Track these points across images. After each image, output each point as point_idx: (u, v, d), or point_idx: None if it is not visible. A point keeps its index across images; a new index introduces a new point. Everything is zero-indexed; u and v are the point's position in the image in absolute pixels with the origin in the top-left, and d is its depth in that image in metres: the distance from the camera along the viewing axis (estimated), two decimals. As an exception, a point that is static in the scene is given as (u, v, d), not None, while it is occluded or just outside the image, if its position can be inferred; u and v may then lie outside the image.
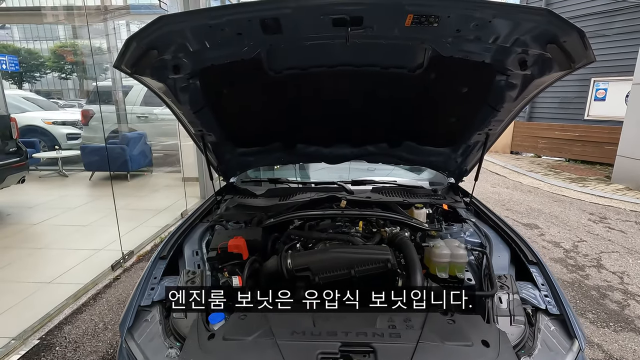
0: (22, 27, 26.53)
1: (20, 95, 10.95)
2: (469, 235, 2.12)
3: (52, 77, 26.24)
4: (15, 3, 20.22)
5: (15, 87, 21.67)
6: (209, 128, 2.16)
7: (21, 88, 22.25)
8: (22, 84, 23.31)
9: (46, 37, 26.54)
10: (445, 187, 2.83)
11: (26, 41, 26.99)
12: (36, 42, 26.99)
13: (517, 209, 5.85)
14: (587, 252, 4.23)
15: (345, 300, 1.78)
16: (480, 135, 2.14)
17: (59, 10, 12.34)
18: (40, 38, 27.08)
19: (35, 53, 24.59)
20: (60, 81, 26.33)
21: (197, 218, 2.38)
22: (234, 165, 2.65)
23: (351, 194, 2.58)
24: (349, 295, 1.80)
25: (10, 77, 21.82)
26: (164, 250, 1.90)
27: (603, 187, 7.22)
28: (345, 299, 1.80)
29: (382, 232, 2.05)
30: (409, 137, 2.35)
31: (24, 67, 22.90)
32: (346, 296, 1.81)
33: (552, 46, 1.24)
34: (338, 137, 2.38)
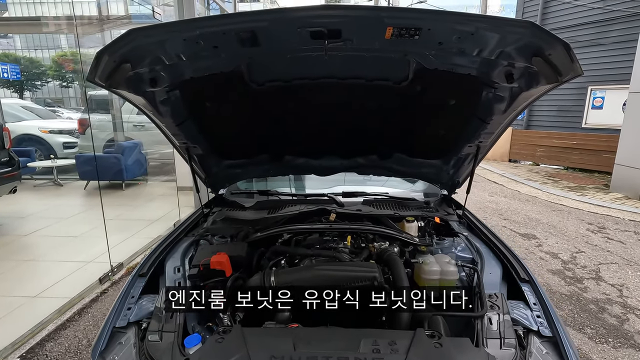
0: (24, 36, 26.80)
1: (18, 104, 10.98)
2: (460, 250, 2.05)
3: (53, 86, 26.40)
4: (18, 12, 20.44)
5: (17, 96, 21.79)
6: (193, 140, 2.11)
7: (22, 97, 22.38)
8: (23, 92, 23.42)
9: (47, 46, 26.78)
10: (438, 199, 2.77)
11: (28, 50, 27.24)
12: (38, 51, 27.22)
13: (514, 218, 5.78)
14: (586, 264, 4.16)
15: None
16: (470, 147, 2.10)
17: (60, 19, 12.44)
18: (42, 47, 27.33)
19: (37, 62, 24.76)
20: (61, 89, 26.46)
21: (183, 232, 2.32)
22: (222, 178, 2.60)
23: (341, 207, 2.53)
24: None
25: (11, 86, 21.95)
26: (144, 267, 1.84)
27: (602, 195, 7.16)
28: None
29: (371, 247, 1.99)
30: (398, 149, 2.31)
31: (26, 75, 23.04)
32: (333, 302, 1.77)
33: (537, 59, 1.20)
34: (327, 148, 2.34)
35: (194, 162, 2.38)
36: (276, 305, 1.69)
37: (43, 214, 5.73)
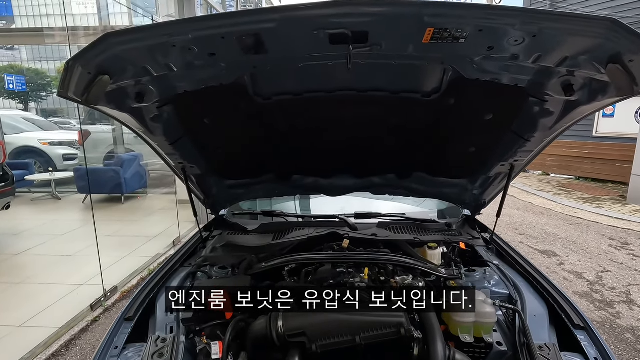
0: (30, 47, 27.00)
1: (20, 116, 10.86)
2: (494, 285, 1.79)
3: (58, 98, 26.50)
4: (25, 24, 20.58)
5: (22, 107, 21.85)
6: (190, 160, 1.88)
7: (27, 108, 22.45)
8: (28, 103, 23.52)
9: (53, 57, 26.97)
10: (460, 220, 2.51)
11: (33, 61, 27.44)
12: (43, 62, 27.44)
13: (530, 233, 5.49)
14: (614, 285, 3.86)
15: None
16: (503, 166, 1.85)
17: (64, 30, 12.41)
18: (47, 58, 27.54)
19: (42, 73, 24.90)
20: (66, 100, 26.52)
21: (178, 262, 2.07)
22: (223, 199, 2.37)
23: (354, 230, 2.28)
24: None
25: (17, 97, 22.04)
26: (131, 309, 1.59)
27: (619, 208, 6.86)
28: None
29: (392, 282, 1.73)
30: (420, 168, 2.06)
31: (31, 86, 23.16)
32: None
33: (613, 67, 0.96)
34: (339, 167, 2.10)
35: (192, 183, 2.14)
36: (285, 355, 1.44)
37: (38, 230, 5.50)
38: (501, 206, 2.02)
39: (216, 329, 1.59)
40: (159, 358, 1.33)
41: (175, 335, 1.47)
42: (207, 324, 1.57)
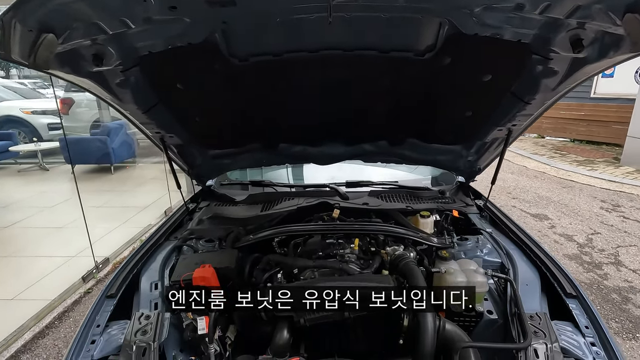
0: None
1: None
2: (487, 253, 1.75)
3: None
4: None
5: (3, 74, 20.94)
6: (168, 129, 1.76)
7: (9, 75, 21.51)
8: (9, 70, 22.53)
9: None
10: (454, 187, 2.45)
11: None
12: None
13: (524, 197, 5.51)
14: (603, 247, 3.91)
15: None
16: (500, 131, 1.76)
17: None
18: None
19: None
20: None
21: (163, 235, 2.01)
22: (208, 169, 2.26)
23: (345, 200, 2.21)
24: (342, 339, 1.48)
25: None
26: (113, 285, 1.54)
27: (612, 170, 6.87)
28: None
29: (383, 253, 1.69)
30: (413, 134, 1.96)
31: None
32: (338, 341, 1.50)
33: (631, 17, 0.84)
34: (328, 134, 1.99)
35: (173, 154, 2.03)
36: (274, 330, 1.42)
37: (27, 202, 5.41)
38: (496, 173, 1.95)
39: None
40: (142, 335, 1.30)
41: (160, 311, 1.43)
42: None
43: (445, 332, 1.37)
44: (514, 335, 1.29)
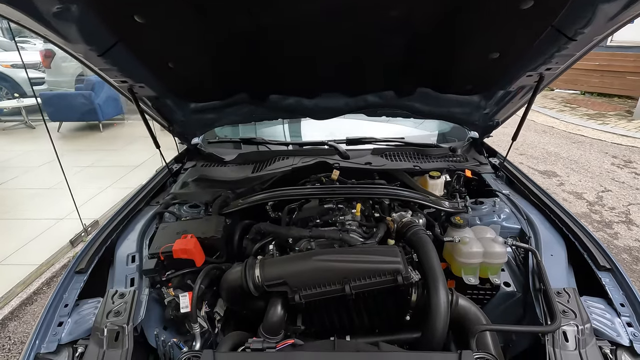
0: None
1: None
2: (505, 219, 1.56)
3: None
4: None
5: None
6: (136, 78, 1.48)
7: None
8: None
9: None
10: (466, 143, 2.21)
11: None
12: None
13: (532, 153, 5.27)
14: (614, 205, 3.75)
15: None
16: (530, 77, 1.48)
17: None
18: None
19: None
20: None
21: (143, 200, 1.81)
22: (191, 125, 2.01)
23: (346, 159, 1.99)
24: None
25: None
26: (83, 259, 1.36)
27: (625, 124, 6.57)
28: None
29: (389, 220, 1.49)
30: (425, 82, 1.68)
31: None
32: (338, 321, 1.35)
33: None
34: (326, 84, 1.71)
35: (147, 107, 1.77)
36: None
37: (11, 163, 5.18)
38: (519, 128, 1.70)
39: (186, 279, 1.39)
40: (116, 317, 1.14)
41: (137, 288, 1.27)
42: (174, 273, 1.36)
43: (458, 308, 1.22)
44: (538, 313, 1.13)
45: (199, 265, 1.38)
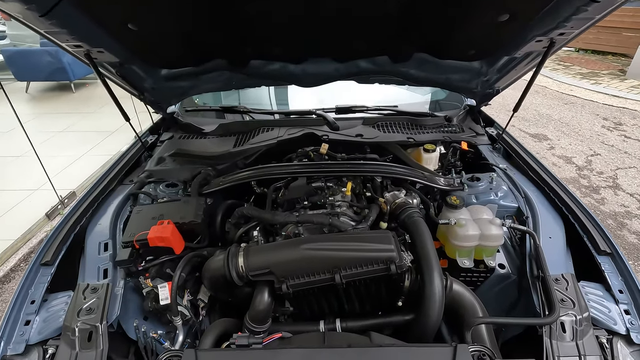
0: None
1: None
2: (502, 196, 1.49)
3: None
4: None
5: None
6: (92, 42, 1.28)
7: None
8: None
9: None
10: (462, 112, 2.08)
11: None
12: None
13: (523, 115, 5.18)
14: (602, 169, 3.76)
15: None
16: (539, 42, 1.33)
17: None
18: None
19: None
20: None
21: (115, 178, 1.66)
22: (164, 94, 1.82)
23: (335, 130, 1.85)
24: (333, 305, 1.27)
25: None
26: (49, 249, 1.24)
27: (617, 83, 6.46)
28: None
29: (381, 201, 1.40)
30: (423, 47, 1.52)
31: None
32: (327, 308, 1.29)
33: None
34: (313, 47, 1.52)
35: (112, 75, 1.57)
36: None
37: (-23, 128, 4.83)
38: (523, 97, 1.58)
39: (164, 267, 1.30)
40: (88, 315, 1.05)
41: (110, 281, 1.17)
42: (151, 262, 1.27)
43: (452, 293, 1.17)
44: (535, 302, 1.09)
45: (178, 252, 1.29)
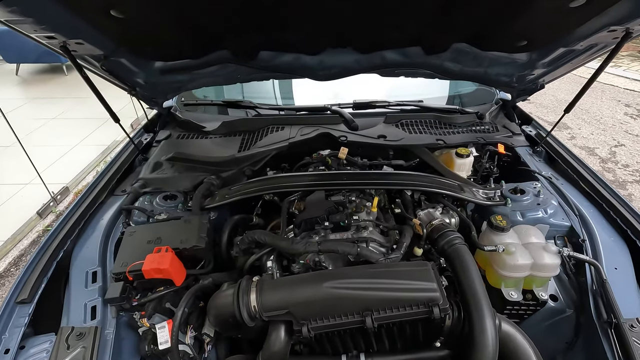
0: None
1: None
2: (551, 214, 1.28)
3: None
4: None
5: None
6: (68, 32, 1.05)
7: None
8: None
9: None
10: (496, 108, 1.85)
11: None
12: None
13: (540, 101, 4.91)
14: (627, 162, 3.54)
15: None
16: (612, 32, 1.09)
17: None
18: None
19: None
20: None
21: (105, 188, 1.45)
22: (158, 90, 1.59)
23: (354, 130, 1.63)
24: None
25: None
26: (26, 284, 1.05)
27: (638, 66, 6.14)
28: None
29: (416, 223, 1.19)
30: (464, 37, 1.27)
31: None
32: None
33: None
34: (335, 36, 1.28)
35: (96, 69, 1.34)
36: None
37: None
38: (580, 95, 1.36)
39: (163, 302, 1.11)
40: None
41: (99, 323, 0.99)
42: (148, 297, 1.08)
43: (501, 334, 0.99)
44: (609, 356, 0.91)
45: (179, 284, 1.10)
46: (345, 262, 1.17)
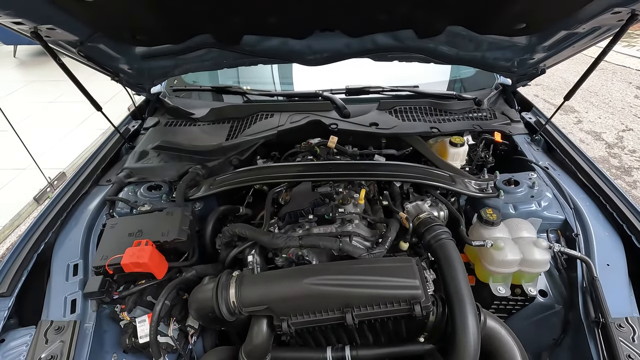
0: None
1: None
2: (545, 206, 1.23)
3: None
4: None
5: None
6: (35, 16, 0.99)
7: None
8: None
9: None
10: (495, 93, 1.78)
11: None
12: None
13: (547, 83, 4.75)
14: (635, 147, 3.44)
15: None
16: (616, 14, 1.02)
17: None
18: None
19: None
20: None
21: (90, 177, 1.43)
22: (142, 76, 1.54)
23: (346, 118, 1.58)
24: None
25: None
26: (5, 279, 1.05)
27: (652, 46, 5.90)
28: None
29: (402, 216, 1.16)
30: (459, 19, 1.20)
31: None
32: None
33: None
34: (321, 19, 1.21)
35: (74, 56, 1.29)
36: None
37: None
38: (581, 81, 1.28)
39: (145, 294, 1.10)
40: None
41: (79, 317, 0.98)
42: (128, 290, 1.07)
43: (486, 330, 0.97)
44: (593, 354, 0.89)
45: (160, 278, 1.09)
46: (329, 256, 1.15)
